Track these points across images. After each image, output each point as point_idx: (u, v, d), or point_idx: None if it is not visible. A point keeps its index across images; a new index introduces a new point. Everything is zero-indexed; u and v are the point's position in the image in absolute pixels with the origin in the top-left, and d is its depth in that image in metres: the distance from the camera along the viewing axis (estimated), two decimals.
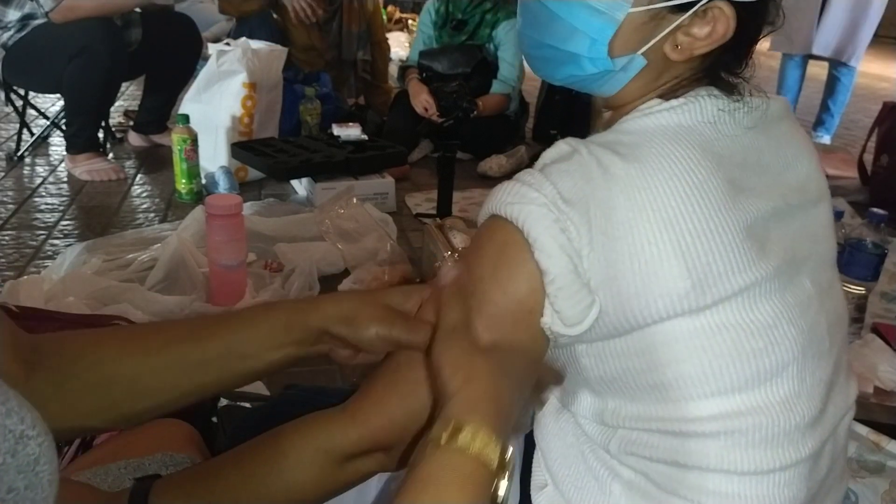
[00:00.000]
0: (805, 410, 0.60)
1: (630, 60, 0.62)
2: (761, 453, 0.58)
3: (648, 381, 0.59)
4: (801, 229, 0.64)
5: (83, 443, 0.81)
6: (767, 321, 0.58)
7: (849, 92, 3.67)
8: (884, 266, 1.64)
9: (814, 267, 0.64)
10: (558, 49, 0.64)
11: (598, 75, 0.64)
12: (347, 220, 2.00)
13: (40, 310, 1.29)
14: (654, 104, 0.62)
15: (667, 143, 0.58)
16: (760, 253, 0.58)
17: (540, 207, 0.56)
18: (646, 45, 0.61)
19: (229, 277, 1.63)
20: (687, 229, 0.55)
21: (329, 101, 2.94)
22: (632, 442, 0.61)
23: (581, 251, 0.55)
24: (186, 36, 2.79)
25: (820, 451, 0.63)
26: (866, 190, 2.80)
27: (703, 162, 0.57)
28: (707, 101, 0.61)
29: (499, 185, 0.60)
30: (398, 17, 6.26)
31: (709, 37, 0.60)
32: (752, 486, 0.59)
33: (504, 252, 0.58)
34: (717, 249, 0.56)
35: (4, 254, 1.91)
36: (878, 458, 1.21)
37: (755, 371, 0.58)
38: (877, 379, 1.46)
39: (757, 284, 0.57)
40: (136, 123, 3.01)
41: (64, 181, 2.53)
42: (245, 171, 2.50)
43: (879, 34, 3.86)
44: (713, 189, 0.57)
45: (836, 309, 0.67)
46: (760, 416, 0.58)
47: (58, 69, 2.39)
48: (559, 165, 0.58)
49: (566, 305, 0.56)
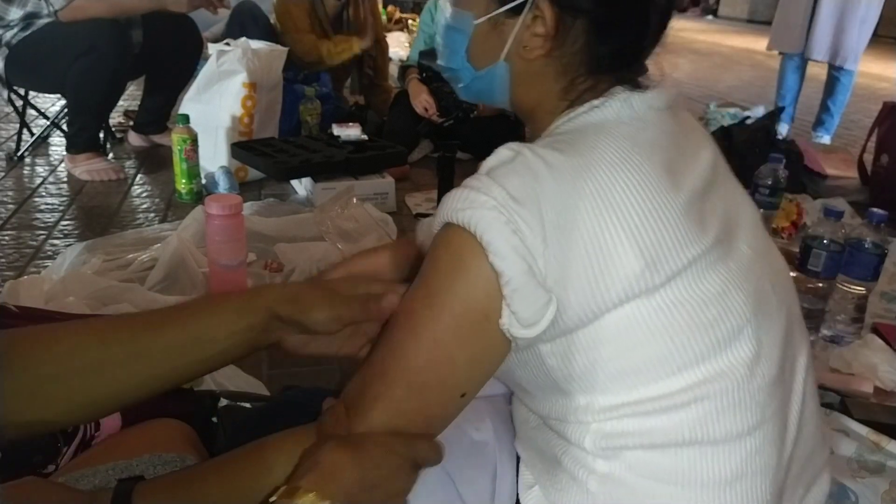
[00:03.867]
0: (765, 370, 0.62)
1: (495, 67, 0.69)
2: (730, 418, 0.60)
3: (616, 370, 0.60)
4: (726, 200, 0.67)
5: (82, 442, 0.81)
6: (717, 290, 0.60)
7: (848, 92, 3.67)
8: (884, 266, 1.64)
9: (746, 232, 0.67)
10: (445, 67, 0.75)
11: (479, 86, 0.72)
12: (347, 220, 2.01)
13: (40, 310, 1.29)
14: (573, 111, 0.66)
15: (600, 136, 0.62)
16: (701, 227, 0.61)
17: (490, 211, 0.57)
18: (503, 51, 0.68)
19: (229, 277, 1.63)
20: (634, 212, 0.58)
21: (329, 101, 2.94)
22: (606, 434, 0.62)
23: (535, 250, 0.56)
24: (187, 36, 2.79)
25: (785, 412, 0.66)
26: (866, 190, 2.80)
27: (636, 149, 0.61)
28: (623, 96, 0.65)
29: (448, 194, 0.61)
30: (398, 17, 6.26)
31: (546, 34, 0.65)
32: (725, 457, 0.60)
33: (459, 259, 0.59)
34: (663, 228, 0.59)
35: (4, 254, 1.91)
36: (878, 458, 1.21)
37: (714, 340, 0.60)
38: (877, 379, 1.46)
39: (702, 257, 0.60)
40: (136, 123, 3.01)
41: (64, 181, 2.53)
42: (245, 171, 2.50)
43: (879, 34, 3.88)
44: (650, 172, 0.60)
45: (777, 268, 0.70)
46: (724, 380, 0.60)
47: (62, 69, 2.40)
48: (504, 167, 0.60)
49: (522, 306, 0.57)
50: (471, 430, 0.72)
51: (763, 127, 2.88)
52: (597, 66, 0.67)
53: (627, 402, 0.60)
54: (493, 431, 0.74)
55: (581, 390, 0.62)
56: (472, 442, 0.72)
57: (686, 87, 5.41)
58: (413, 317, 0.61)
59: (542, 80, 0.68)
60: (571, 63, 0.67)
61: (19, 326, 0.95)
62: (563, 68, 0.67)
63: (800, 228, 2.21)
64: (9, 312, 1.03)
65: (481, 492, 0.71)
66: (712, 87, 5.51)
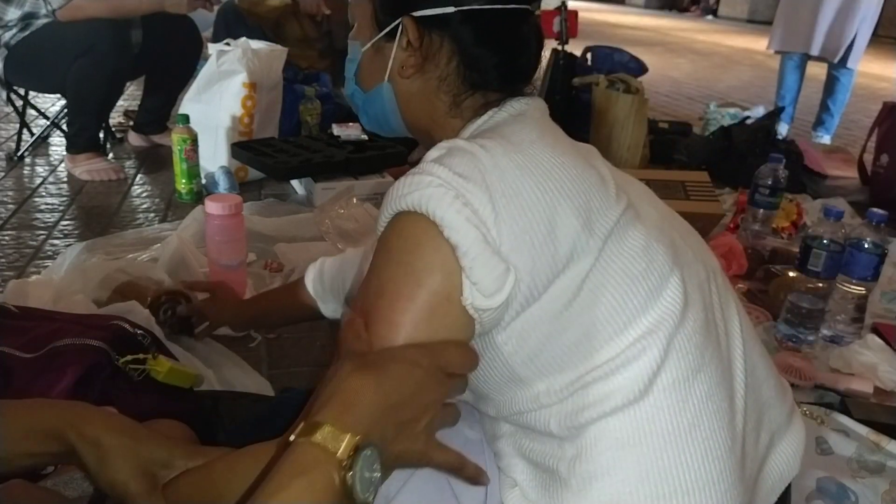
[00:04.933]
0: (694, 314, 0.66)
1: (381, 88, 0.75)
2: (674, 363, 0.64)
3: (570, 341, 0.62)
4: (617, 174, 0.73)
5: None
6: (640, 244, 0.65)
7: (848, 92, 3.67)
8: (884, 266, 1.64)
9: (643, 199, 0.72)
10: (347, 97, 0.82)
11: (373, 110, 0.78)
12: (347, 220, 2.01)
13: (39, 310, 1.29)
14: (473, 123, 0.71)
15: (511, 125, 0.68)
16: (615, 191, 0.67)
17: (438, 188, 0.59)
18: (385, 73, 0.74)
19: (229, 277, 1.63)
20: (563, 176, 0.63)
21: (329, 101, 2.94)
22: (569, 413, 0.63)
23: (487, 220, 0.59)
24: (186, 36, 2.79)
25: (728, 355, 0.69)
26: (866, 190, 2.80)
27: (547, 131, 0.68)
28: (513, 103, 0.71)
29: (388, 189, 0.63)
30: None
31: (414, 52, 0.71)
32: (678, 406, 0.63)
33: (414, 243, 0.60)
34: (589, 192, 0.64)
35: (4, 254, 1.91)
36: (878, 458, 1.21)
37: (647, 290, 0.64)
38: (877, 379, 1.46)
39: (623, 215, 0.65)
40: (136, 123, 3.01)
41: (64, 181, 2.53)
42: (245, 171, 2.50)
43: (879, 34, 3.87)
44: (566, 147, 0.68)
45: (684, 227, 0.76)
46: (662, 328, 0.64)
47: (62, 69, 2.39)
48: (443, 156, 0.63)
49: (482, 274, 0.58)
50: (464, 427, 0.72)
51: (763, 127, 2.88)
52: (476, 82, 0.71)
53: (583, 372, 0.63)
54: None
55: (539, 373, 0.64)
56: (466, 440, 0.72)
57: (686, 87, 5.41)
58: (365, 311, 0.61)
59: (425, 97, 0.73)
60: (449, 80, 0.71)
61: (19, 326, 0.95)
62: (441, 84, 0.72)
63: (800, 228, 2.21)
64: (9, 313, 1.03)
65: (475, 490, 0.71)
66: (712, 87, 5.50)
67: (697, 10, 13.61)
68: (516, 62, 0.73)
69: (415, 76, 0.72)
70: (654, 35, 9.44)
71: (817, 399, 1.41)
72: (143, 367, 0.90)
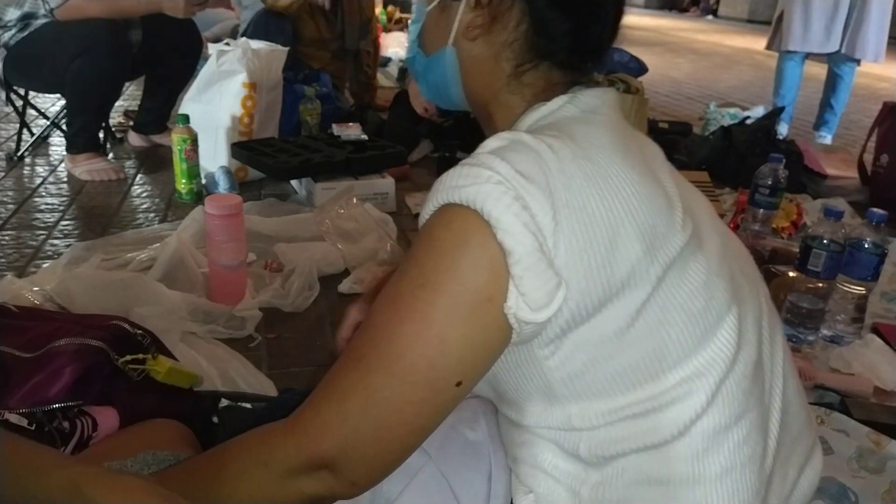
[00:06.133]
0: (747, 356, 0.62)
1: (443, 52, 0.70)
2: (718, 409, 0.60)
3: (614, 370, 0.58)
4: (681, 189, 0.67)
5: (80, 442, 0.81)
6: (701, 278, 0.60)
7: (850, 89, 3.66)
8: (884, 266, 1.63)
9: (708, 219, 0.67)
10: (408, 63, 0.79)
11: (433, 77, 0.73)
12: (347, 220, 2.00)
13: (39, 309, 1.29)
14: (538, 109, 0.65)
15: (583, 125, 0.62)
16: (680, 216, 0.61)
17: (497, 185, 0.54)
18: (450, 35, 0.69)
19: (229, 277, 1.63)
20: (632, 194, 0.57)
21: (329, 101, 2.94)
22: (601, 441, 0.60)
23: (545, 228, 0.54)
24: (187, 36, 2.79)
25: (769, 396, 0.66)
26: (866, 190, 2.80)
27: (618, 138, 0.62)
28: (584, 94, 0.65)
29: (441, 177, 0.58)
30: (398, 17, 6.26)
31: (486, 14, 0.66)
32: (714, 451, 0.60)
33: (462, 239, 0.55)
34: (656, 213, 0.58)
35: (4, 254, 1.91)
36: (878, 458, 1.21)
37: (702, 330, 0.60)
38: (877, 379, 1.46)
39: (687, 245, 0.60)
40: (136, 123, 3.01)
41: (64, 181, 2.53)
42: (245, 171, 2.50)
43: None
44: (636, 159, 0.61)
45: (740, 252, 0.71)
46: (711, 372, 0.60)
47: (60, 69, 2.39)
48: (504, 148, 0.57)
49: (532, 286, 0.54)
50: (465, 430, 0.72)
51: (763, 127, 2.88)
52: (543, 50, 0.66)
53: (622, 404, 0.59)
54: (487, 431, 0.73)
55: (576, 395, 0.60)
56: (467, 442, 0.72)
57: (686, 87, 5.41)
58: (399, 298, 0.57)
59: (487, 64, 0.68)
60: (515, 45, 0.67)
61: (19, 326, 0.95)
62: (505, 50, 0.67)
63: (800, 228, 2.21)
64: (9, 312, 1.02)
65: (476, 492, 0.70)
66: (712, 87, 5.50)
67: (697, 10, 13.62)
68: (588, 30, 0.66)
69: (480, 39, 0.67)
70: (654, 35, 9.43)
71: (817, 399, 1.41)
72: (142, 367, 0.90)
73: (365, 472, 0.58)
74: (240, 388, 1.30)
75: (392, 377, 0.55)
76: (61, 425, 0.79)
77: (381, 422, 0.56)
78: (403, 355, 0.55)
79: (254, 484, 0.57)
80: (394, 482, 0.67)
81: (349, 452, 0.56)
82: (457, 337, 0.55)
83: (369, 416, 0.56)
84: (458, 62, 0.70)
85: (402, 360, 0.55)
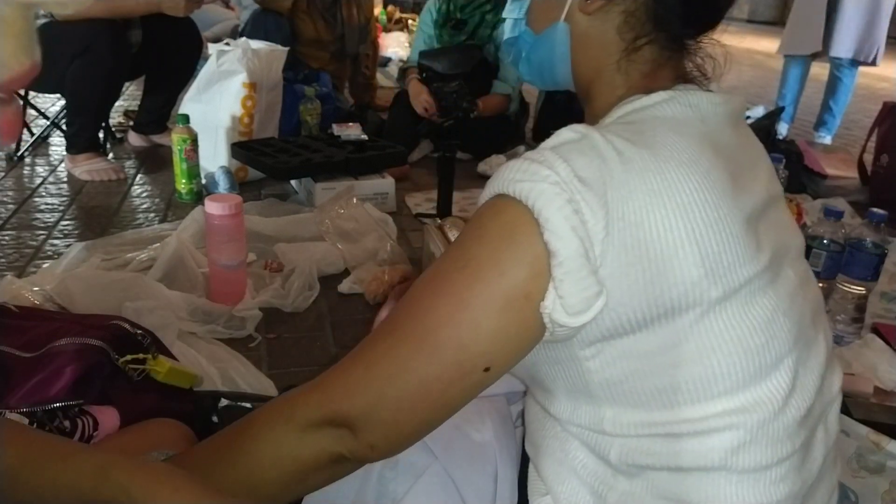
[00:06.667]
0: (800, 402, 0.60)
1: (555, 29, 0.67)
2: (761, 449, 0.58)
3: (655, 385, 0.57)
4: (778, 221, 0.64)
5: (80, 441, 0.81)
6: (766, 315, 0.58)
7: (850, 92, 3.67)
8: (884, 266, 1.64)
9: (793, 257, 0.65)
10: (507, 41, 0.74)
11: (539, 56, 0.70)
12: (347, 220, 2.00)
13: (39, 309, 1.29)
14: (638, 100, 0.62)
15: (669, 132, 0.58)
16: (757, 245, 0.58)
17: (553, 186, 0.53)
18: (563, 11, 0.66)
19: (229, 277, 1.63)
20: (700, 217, 0.55)
21: (329, 101, 2.94)
22: (632, 450, 0.60)
23: (594, 236, 0.53)
24: (187, 36, 2.79)
25: (811, 441, 0.64)
26: (866, 190, 2.80)
27: (705, 153, 0.58)
28: (690, 95, 0.62)
29: (505, 164, 0.57)
30: (398, 17, 6.26)
31: None
32: (749, 485, 0.58)
33: (509, 232, 0.55)
34: (726, 240, 0.55)
35: (4, 254, 1.91)
36: (878, 458, 1.21)
37: (757, 367, 0.58)
38: (877, 379, 1.46)
39: (757, 277, 0.57)
40: (136, 123, 3.01)
41: (64, 181, 2.53)
42: (245, 171, 2.50)
43: None
44: (718, 179, 0.57)
45: (815, 297, 0.68)
46: (760, 410, 0.58)
47: (60, 69, 2.39)
48: (571, 146, 0.56)
49: (572, 291, 0.53)
50: (471, 430, 0.72)
51: (763, 127, 2.88)
52: (661, 20, 0.64)
53: (658, 421, 0.58)
54: (493, 432, 0.73)
55: (612, 400, 0.59)
56: (473, 443, 0.72)
57: None
58: (439, 277, 0.57)
59: (603, 39, 0.66)
60: (636, 15, 0.64)
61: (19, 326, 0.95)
62: (625, 21, 0.64)
63: (799, 228, 2.21)
64: (9, 312, 1.02)
65: (483, 493, 0.70)
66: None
67: None
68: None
69: (598, 12, 0.64)
70: None
71: None
72: (142, 367, 0.90)
73: (384, 438, 0.57)
74: (240, 388, 1.31)
75: (421, 351, 0.55)
76: (62, 424, 0.79)
77: (406, 392, 0.55)
78: (435, 331, 0.55)
79: (275, 438, 0.58)
80: (399, 482, 0.67)
81: (371, 415, 0.56)
82: (490, 325, 0.55)
83: (395, 385, 0.56)
84: (570, 40, 0.67)
85: (433, 335, 0.55)
